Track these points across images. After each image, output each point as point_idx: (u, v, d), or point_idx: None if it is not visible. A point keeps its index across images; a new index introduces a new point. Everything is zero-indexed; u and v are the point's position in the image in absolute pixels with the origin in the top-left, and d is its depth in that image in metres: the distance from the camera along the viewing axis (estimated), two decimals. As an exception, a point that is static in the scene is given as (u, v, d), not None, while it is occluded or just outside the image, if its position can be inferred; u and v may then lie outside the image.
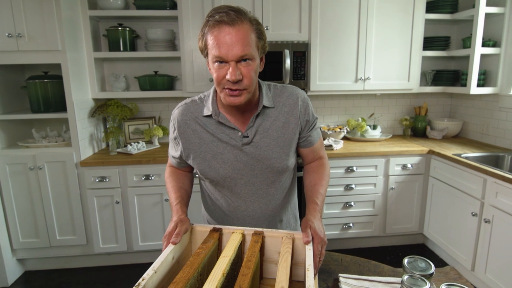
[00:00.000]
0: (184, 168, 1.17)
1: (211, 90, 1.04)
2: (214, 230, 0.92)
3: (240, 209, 1.08)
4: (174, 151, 1.12)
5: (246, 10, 0.90)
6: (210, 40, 0.87)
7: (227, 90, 0.91)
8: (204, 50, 0.92)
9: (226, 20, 0.84)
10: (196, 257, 0.76)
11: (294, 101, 1.05)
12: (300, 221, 1.18)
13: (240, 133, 1.01)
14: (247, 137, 1.01)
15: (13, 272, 2.39)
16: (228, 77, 0.87)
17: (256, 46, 0.90)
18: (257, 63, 0.92)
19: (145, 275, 0.68)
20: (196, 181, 1.25)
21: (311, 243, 0.84)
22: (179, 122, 1.04)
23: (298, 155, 1.17)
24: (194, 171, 1.22)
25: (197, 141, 1.03)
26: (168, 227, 0.88)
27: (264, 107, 1.02)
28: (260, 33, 0.92)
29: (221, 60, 0.87)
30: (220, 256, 0.77)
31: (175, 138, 1.07)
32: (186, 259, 0.89)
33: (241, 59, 0.87)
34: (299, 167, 1.23)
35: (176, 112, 1.06)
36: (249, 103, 1.00)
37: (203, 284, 0.66)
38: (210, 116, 1.02)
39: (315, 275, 0.82)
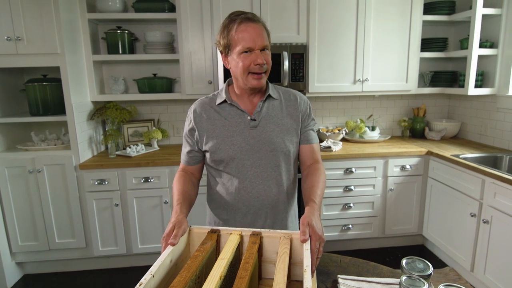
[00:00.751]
0: (194, 167, 1.24)
1: (224, 85, 1.22)
2: (212, 231, 0.92)
3: (246, 190, 1.16)
4: (188, 147, 1.22)
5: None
6: (238, 34, 1.06)
7: (251, 75, 1.09)
8: (227, 46, 1.10)
9: (250, 17, 1.07)
10: (193, 260, 0.76)
11: (295, 98, 1.23)
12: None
13: (248, 117, 1.15)
14: (255, 120, 1.15)
15: (12, 276, 2.39)
16: (258, 61, 1.07)
17: (268, 42, 1.12)
18: (270, 54, 1.13)
19: (142, 280, 0.68)
20: (200, 183, 1.27)
21: (309, 241, 0.85)
22: (195, 113, 1.19)
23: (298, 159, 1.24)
24: (202, 175, 1.28)
25: (210, 127, 1.17)
26: (166, 228, 0.90)
27: (270, 97, 1.19)
28: (268, 33, 1.13)
29: (248, 50, 1.06)
30: (218, 258, 0.77)
31: (190, 130, 1.20)
32: (184, 262, 0.89)
33: (263, 49, 1.08)
34: (299, 169, 1.26)
35: (193, 106, 1.22)
36: (259, 90, 1.18)
37: (201, 287, 0.66)
38: (223, 102, 1.18)
39: (313, 273, 0.82)
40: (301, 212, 1.36)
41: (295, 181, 1.27)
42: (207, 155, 1.19)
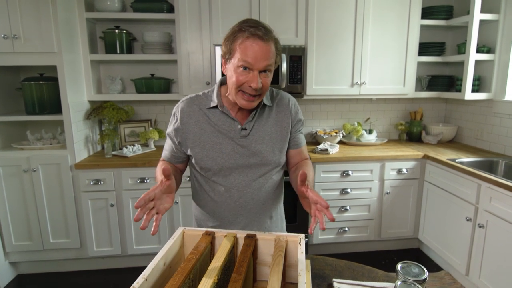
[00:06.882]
0: (177, 164, 1.20)
1: (215, 86, 1.14)
2: (207, 233, 0.91)
3: (233, 199, 1.13)
4: (172, 146, 1.16)
5: (272, 29, 1.03)
6: (241, 47, 0.97)
7: (243, 93, 1.02)
8: (227, 53, 1.02)
9: (260, 35, 0.97)
10: (187, 263, 0.76)
11: (286, 102, 1.18)
12: (286, 224, 1.32)
13: (239, 126, 1.10)
14: (245, 129, 1.10)
15: (6, 276, 2.37)
16: (253, 85, 0.98)
17: (275, 61, 1.04)
18: (272, 75, 1.05)
19: (135, 284, 0.67)
20: (188, 184, 1.26)
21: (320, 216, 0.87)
22: (183, 113, 1.12)
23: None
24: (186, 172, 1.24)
25: (198, 131, 1.10)
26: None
27: (264, 104, 1.13)
28: (278, 50, 1.05)
29: (247, 67, 0.98)
30: (212, 262, 0.77)
31: (175, 130, 1.13)
32: (178, 265, 0.89)
33: (263, 71, 1.00)
34: (286, 172, 1.25)
35: (180, 104, 1.15)
36: None
37: (194, 289, 0.66)
38: (214, 107, 1.11)
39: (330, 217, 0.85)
40: (287, 215, 1.37)
41: (282, 184, 1.25)
42: (193, 160, 1.13)
